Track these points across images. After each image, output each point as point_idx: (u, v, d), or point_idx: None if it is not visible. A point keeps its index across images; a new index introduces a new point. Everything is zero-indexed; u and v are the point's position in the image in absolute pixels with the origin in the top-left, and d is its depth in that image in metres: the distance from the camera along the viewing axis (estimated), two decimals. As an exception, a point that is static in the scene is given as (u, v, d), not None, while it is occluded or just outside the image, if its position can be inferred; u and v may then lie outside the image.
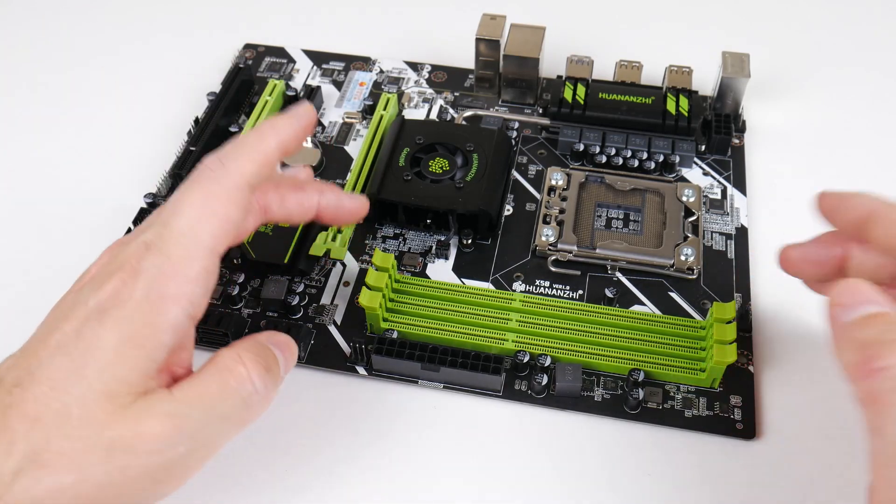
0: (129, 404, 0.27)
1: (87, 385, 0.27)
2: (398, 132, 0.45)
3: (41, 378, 0.27)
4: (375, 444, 0.36)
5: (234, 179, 0.30)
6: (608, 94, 0.47)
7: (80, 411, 0.26)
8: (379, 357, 0.36)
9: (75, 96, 0.52)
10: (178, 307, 0.28)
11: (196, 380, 0.29)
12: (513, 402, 0.37)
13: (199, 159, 0.44)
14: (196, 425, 0.28)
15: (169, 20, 0.57)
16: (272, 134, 0.31)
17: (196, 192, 0.29)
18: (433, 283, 0.40)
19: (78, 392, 0.27)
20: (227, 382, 0.29)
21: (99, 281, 0.29)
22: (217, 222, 0.29)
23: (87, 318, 0.28)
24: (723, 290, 0.40)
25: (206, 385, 0.29)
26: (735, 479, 0.34)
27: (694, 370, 0.36)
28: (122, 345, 0.27)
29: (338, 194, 0.35)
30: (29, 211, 0.45)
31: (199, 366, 0.29)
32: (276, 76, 0.52)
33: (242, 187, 0.30)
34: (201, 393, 0.28)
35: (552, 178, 0.44)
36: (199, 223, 0.29)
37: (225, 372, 0.29)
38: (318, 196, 0.34)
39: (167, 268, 0.28)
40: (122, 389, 0.27)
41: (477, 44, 0.48)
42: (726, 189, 0.45)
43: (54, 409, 0.26)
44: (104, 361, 0.27)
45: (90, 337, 0.27)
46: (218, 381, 0.29)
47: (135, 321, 0.27)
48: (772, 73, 0.52)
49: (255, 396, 0.29)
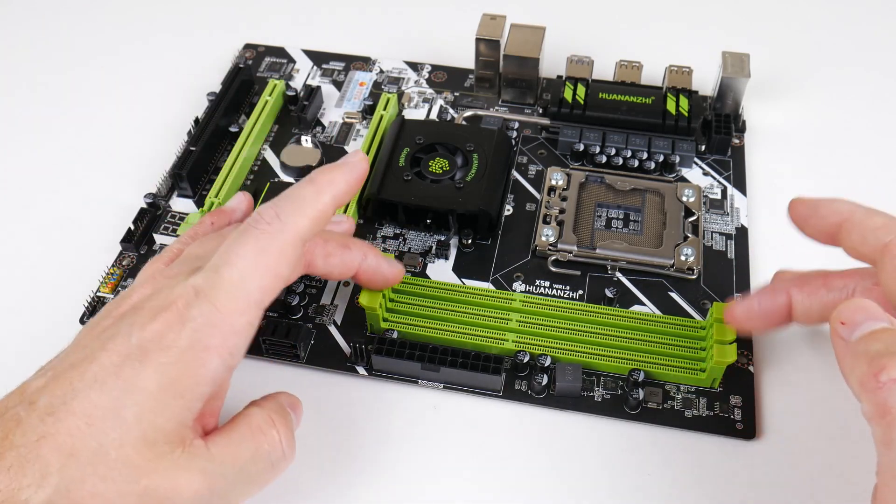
0: (166, 454, 0.27)
1: (125, 428, 0.27)
2: (398, 132, 0.45)
3: (77, 411, 0.26)
4: (375, 444, 0.36)
5: (289, 236, 0.30)
6: (608, 94, 0.47)
7: (117, 454, 0.26)
8: (379, 357, 0.36)
9: (75, 96, 0.52)
10: (220, 359, 0.28)
11: (231, 437, 0.29)
12: (513, 402, 0.37)
13: (199, 159, 0.45)
14: (227, 485, 0.29)
15: (169, 20, 0.57)
16: (329, 189, 0.31)
17: (250, 244, 0.29)
18: (433, 283, 0.40)
19: (116, 434, 0.27)
20: (260, 446, 0.30)
21: (143, 318, 0.28)
22: (268, 278, 0.29)
23: (128, 356, 0.27)
24: (723, 290, 0.40)
25: (241, 446, 0.29)
26: (735, 479, 0.34)
27: (694, 370, 0.36)
28: (162, 392, 0.27)
29: (378, 260, 0.36)
30: (29, 211, 0.45)
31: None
32: (276, 76, 0.52)
33: (296, 244, 0.30)
34: (236, 454, 0.29)
35: (552, 178, 0.44)
36: (251, 277, 0.29)
37: (259, 435, 0.30)
38: (362, 259, 0.35)
39: (215, 318, 0.28)
40: (160, 437, 0.27)
41: (477, 44, 0.48)
42: (726, 189, 0.45)
43: (91, 447, 0.26)
44: (144, 406, 0.27)
45: (130, 377, 0.27)
46: (252, 443, 0.29)
47: (177, 369, 0.27)
48: (772, 73, 0.52)
49: (283, 462, 0.30)
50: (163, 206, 0.44)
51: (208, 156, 0.46)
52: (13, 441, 0.26)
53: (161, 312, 0.28)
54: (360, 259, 0.35)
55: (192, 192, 0.45)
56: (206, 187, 0.45)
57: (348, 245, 0.35)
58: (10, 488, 0.25)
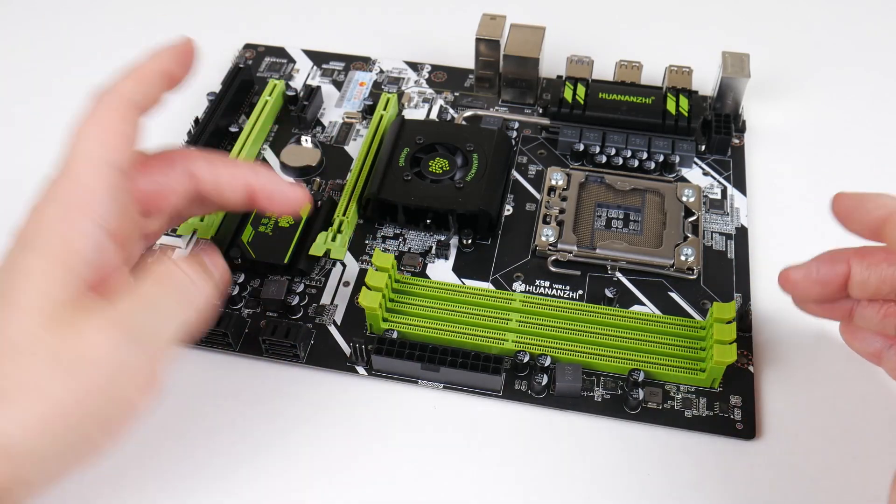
0: (70, 319, 0.27)
1: (22, 312, 0.27)
2: (398, 132, 0.45)
3: None
4: (375, 445, 0.36)
5: (116, 96, 0.31)
6: (608, 94, 0.47)
7: (24, 338, 0.27)
8: (379, 357, 0.36)
9: (76, 97, 0.52)
10: (87, 219, 0.29)
11: (133, 286, 0.29)
12: (513, 402, 0.37)
13: (199, 159, 0.45)
14: (140, 325, 0.28)
15: (169, 20, 0.57)
16: (150, 58, 0.33)
17: (87, 118, 0.31)
18: (433, 283, 0.40)
19: (16, 321, 0.27)
20: (163, 281, 0.29)
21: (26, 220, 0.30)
22: (111, 136, 0.30)
23: (11, 252, 0.29)
24: (723, 290, 0.40)
25: (144, 288, 0.29)
26: (735, 479, 0.34)
27: (694, 370, 0.36)
28: (44, 266, 0.28)
29: (273, 176, 0.34)
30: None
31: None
32: (276, 76, 0.52)
33: (126, 100, 0.31)
34: (139, 295, 0.29)
35: (552, 178, 0.44)
36: (93, 141, 0.30)
37: (161, 273, 0.30)
38: (252, 173, 0.34)
39: (69, 185, 0.29)
40: (59, 308, 0.27)
41: (477, 44, 0.48)
42: (726, 189, 0.45)
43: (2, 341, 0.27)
44: (32, 286, 0.27)
45: (17, 265, 0.28)
46: (155, 281, 0.29)
47: (51, 242, 0.28)
48: (772, 73, 0.52)
49: (192, 288, 0.30)
50: (163, 206, 0.44)
51: (208, 156, 0.46)
52: None
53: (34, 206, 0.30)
54: (250, 174, 0.34)
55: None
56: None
57: (236, 163, 0.35)
58: None
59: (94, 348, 0.27)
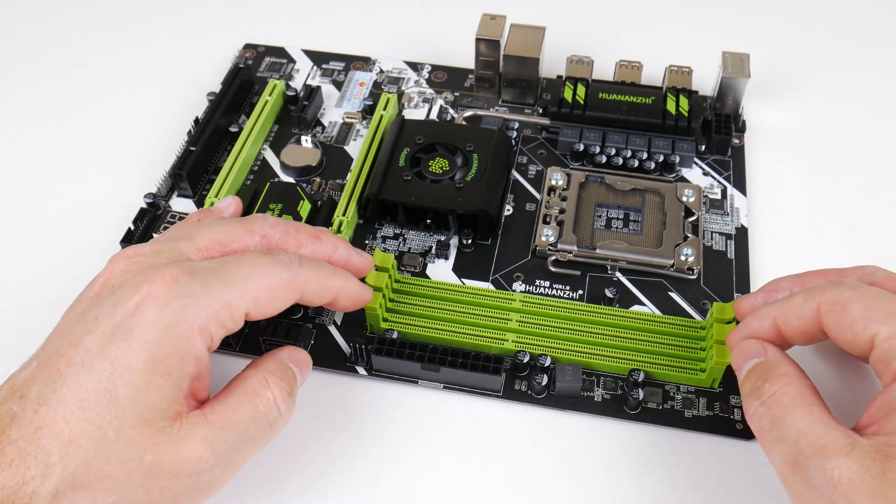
0: (165, 428, 0.28)
1: (120, 409, 0.27)
2: (398, 132, 0.45)
3: (69, 397, 0.27)
4: (375, 444, 0.36)
5: (300, 280, 0.32)
6: (608, 94, 0.47)
7: (116, 435, 0.27)
8: (379, 357, 0.36)
9: (75, 96, 0.52)
10: (202, 341, 0.29)
11: (227, 403, 0.30)
12: (513, 402, 0.37)
13: (199, 159, 0.45)
14: (229, 448, 0.29)
15: (169, 20, 0.57)
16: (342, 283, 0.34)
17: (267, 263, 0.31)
18: (433, 283, 0.40)
19: (111, 416, 0.27)
20: (256, 408, 0.30)
21: (126, 295, 0.29)
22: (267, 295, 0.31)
23: (112, 336, 0.28)
24: (723, 290, 0.40)
25: (238, 410, 0.30)
26: (735, 479, 0.34)
27: (694, 370, 0.36)
28: (150, 370, 0.28)
29: (349, 251, 0.36)
30: (29, 211, 0.45)
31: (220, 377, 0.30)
32: (276, 76, 0.52)
33: (299, 288, 0.32)
34: (233, 418, 0.29)
35: (552, 178, 0.44)
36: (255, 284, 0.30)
37: (254, 396, 0.30)
38: (332, 250, 0.35)
39: (204, 301, 0.29)
40: (156, 414, 0.28)
41: (477, 44, 0.48)
42: (726, 189, 0.45)
43: (89, 431, 0.27)
44: (135, 386, 0.27)
45: (117, 357, 0.27)
46: (248, 405, 0.30)
47: (162, 348, 0.28)
48: (772, 73, 0.52)
49: (280, 421, 0.31)
50: (163, 206, 0.44)
51: (208, 156, 0.46)
52: (10, 436, 0.26)
53: (143, 284, 0.29)
54: (330, 251, 0.35)
55: (192, 192, 0.45)
56: (206, 187, 0.45)
57: (319, 236, 0.35)
58: (14, 483, 0.26)
59: (185, 463, 0.28)
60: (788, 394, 0.29)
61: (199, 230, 0.33)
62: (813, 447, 0.27)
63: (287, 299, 0.32)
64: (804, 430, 0.28)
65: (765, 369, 0.31)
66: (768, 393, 0.30)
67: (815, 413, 0.28)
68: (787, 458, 0.28)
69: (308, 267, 0.33)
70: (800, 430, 0.28)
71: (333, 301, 0.34)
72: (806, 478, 0.27)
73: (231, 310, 0.30)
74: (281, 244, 0.34)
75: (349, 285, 0.35)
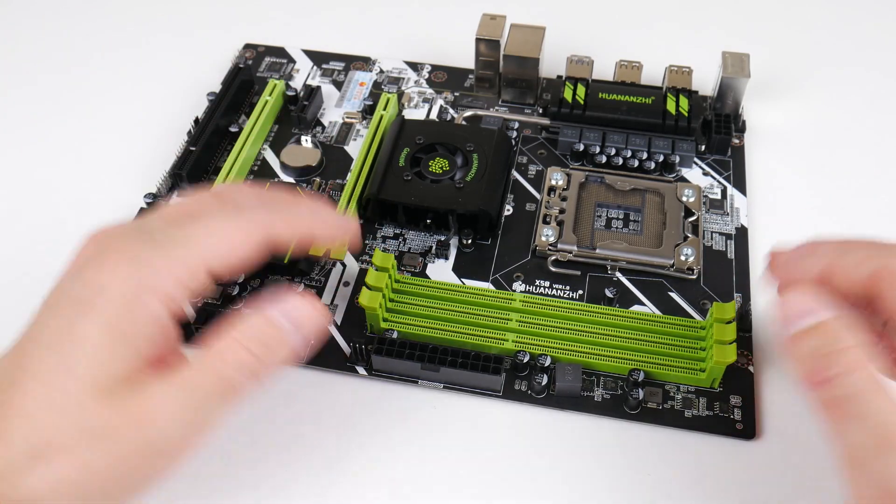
0: (124, 397, 0.27)
1: (76, 379, 0.27)
2: (398, 132, 0.45)
3: (32, 373, 0.27)
4: (375, 444, 0.36)
5: (260, 218, 0.31)
6: (608, 94, 0.47)
7: (74, 405, 0.27)
8: (379, 357, 0.36)
9: (75, 96, 0.52)
10: (160, 303, 0.28)
11: (192, 367, 0.29)
12: (513, 402, 0.37)
13: (199, 159, 0.45)
14: (189, 410, 0.28)
15: (169, 20, 0.57)
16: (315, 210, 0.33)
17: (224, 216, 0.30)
18: (433, 283, 0.40)
19: (72, 389, 0.27)
20: (220, 371, 0.29)
21: (87, 270, 0.29)
22: (221, 247, 0.30)
23: (74, 311, 0.28)
24: (723, 290, 0.40)
25: (201, 373, 0.29)
26: (735, 479, 0.34)
27: (694, 370, 0.36)
28: (105, 337, 0.27)
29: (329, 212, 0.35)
30: (29, 211, 0.45)
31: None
32: (276, 76, 0.52)
33: (262, 232, 0.31)
34: (195, 382, 0.29)
35: (552, 178, 0.44)
36: (207, 239, 0.30)
37: (218, 359, 0.29)
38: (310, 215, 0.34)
39: (160, 264, 0.29)
40: (113, 381, 0.27)
41: (477, 44, 0.48)
42: (726, 189, 0.45)
43: (47, 404, 0.27)
44: (92, 357, 0.27)
45: (76, 330, 0.28)
46: (211, 369, 0.29)
47: (119, 316, 0.28)
48: (772, 73, 0.52)
49: (245, 385, 0.30)
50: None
51: (208, 156, 0.46)
52: None
53: (106, 262, 0.29)
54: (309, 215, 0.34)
55: (192, 192, 0.45)
56: (206, 187, 0.45)
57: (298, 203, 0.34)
58: None
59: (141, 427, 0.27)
60: (870, 372, 0.27)
61: (169, 205, 0.33)
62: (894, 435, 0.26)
63: (250, 244, 0.31)
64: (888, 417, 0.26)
65: (840, 331, 0.28)
66: (847, 363, 0.27)
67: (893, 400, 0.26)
68: (866, 438, 0.26)
69: (268, 206, 0.32)
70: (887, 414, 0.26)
71: (311, 233, 0.33)
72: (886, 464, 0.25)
73: (189, 268, 0.29)
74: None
75: (324, 215, 0.34)
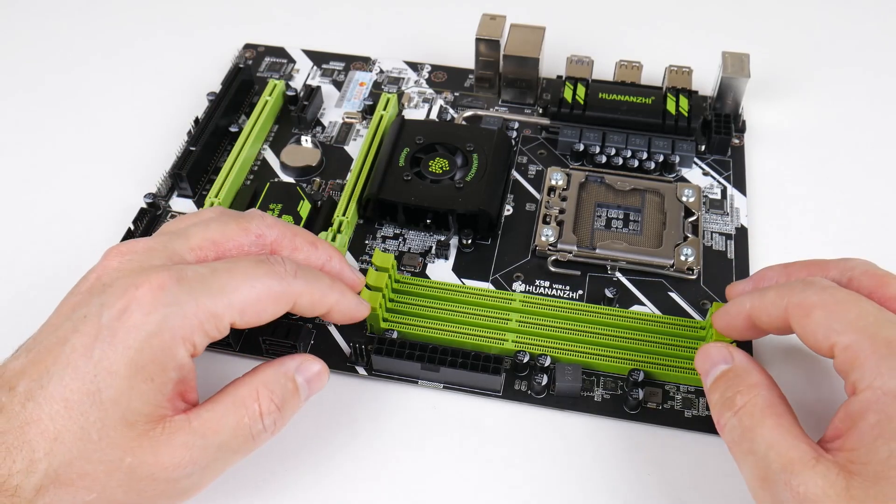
0: (147, 432, 0.28)
1: (103, 410, 0.27)
2: (398, 132, 0.45)
3: (55, 395, 0.27)
4: (375, 444, 0.36)
5: (296, 289, 0.31)
6: (608, 94, 0.47)
7: (98, 436, 0.27)
8: (379, 357, 0.36)
9: (75, 96, 0.52)
10: (185, 350, 0.29)
11: (213, 411, 0.30)
12: (513, 402, 0.37)
13: (199, 159, 0.45)
14: (208, 456, 0.29)
15: (169, 20, 0.57)
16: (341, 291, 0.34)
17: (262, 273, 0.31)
18: (433, 283, 0.40)
19: (95, 417, 0.27)
20: (241, 419, 0.30)
21: (113, 296, 0.29)
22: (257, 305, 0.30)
23: (97, 337, 0.28)
24: (723, 290, 0.40)
25: (222, 419, 0.29)
26: (735, 479, 0.34)
27: (694, 370, 0.36)
28: (132, 375, 0.28)
29: (342, 265, 0.36)
30: (29, 210, 0.45)
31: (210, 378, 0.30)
32: (276, 76, 0.52)
33: (293, 297, 0.31)
34: (216, 427, 0.29)
35: (552, 178, 0.44)
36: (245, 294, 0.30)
37: (240, 407, 0.30)
38: (326, 260, 0.35)
39: (190, 312, 0.29)
40: (139, 418, 0.28)
41: (477, 44, 0.48)
42: (726, 189, 0.45)
43: (73, 431, 0.27)
44: (117, 390, 0.27)
45: (101, 359, 0.28)
46: (233, 415, 0.30)
47: (144, 354, 0.28)
48: (772, 73, 0.52)
49: (263, 434, 0.31)
50: (163, 206, 0.44)
51: (208, 156, 0.46)
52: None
53: (130, 288, 0.29)
54: (325, 259, 0.35)
55: (192, 192, 0.45)
56: (206, 187, 0.45)
57: (315, 244, 0.35)
58: (1, 474, 0.26)
59: (164, 468, 0.28)
60: (758, 405, 0.29)
61: (195, 227, 0.33)
62: (781, 461, 0.27)
63: (277, 311, 0.32)
64: (773, 443, 0.28)
65: (734, 378, 0.30)
66: (739, 404, 0.29)
67: (784, 425, 0.28)
68: (757, 471, 0.28)
69: (302, 279, 0.32)
70: (769, 443, 0.28)
71: (326, 315, 0.34)
72: (774, 493, 0.27)
73: (216, 320, 0.29)
74: (276, 245, 0.34)
75: (344, 300, 0.34)
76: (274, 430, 0.31)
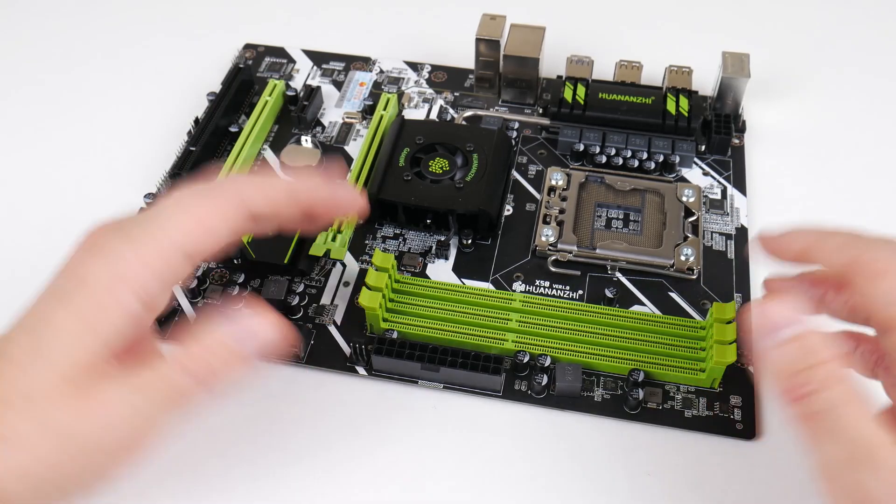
0: (85, 388, 0.27)
1: (45, 366, 0.27)
2: (398, 132, 0.45)
3: (10, 357, 0.27)
4: (375, 445, 0.36)
5: (232, 196, 0.30)
6: (608, 94, 0.47)
7: (40, 393, 0.27)
8: (379, 357, 0.36)
9: (76, 96, 0.52)
10: (130, 293, 0.28)
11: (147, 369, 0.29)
12: (513, 402, 0.37)
13: (200, 159, 0.45)
14: (139, 413, 0.28)
15: (169, 20, 0.57)
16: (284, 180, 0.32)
17: (187, 194, 0.30)
18: (433, 283, 0.40)
19: (37, 373, 0.27)
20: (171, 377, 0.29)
21: (70, 261, 0.29)
22: (197, 230, 0.29)
23: (52, 300, 0.28)
24: (723, 290, 0.40)
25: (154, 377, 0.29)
26: (735, 479, 0.34)
27: (694, 370, 0.36)
28: (76, 326, 0.27)
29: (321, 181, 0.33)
30: (29, 211, 0.45)
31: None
32: (276, 76, 0.52)
33: (238, 205, 0.30)
34: (148, 384, 0.28)
35: (552, 178, 0.44)
36: (176, 227, 0.29)
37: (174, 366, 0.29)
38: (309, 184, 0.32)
39: (130, 255, 0.28)
40: (78, 372, 0.27)
41: (477, 44, 0.48)
42: (726, 189, 0.45)
43: (20, 390, 0.27)
44: (61, 343, 0.27)
45: (51, 316, 0.28)
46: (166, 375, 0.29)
47: (91, 307, 0.28)
48: (772, 73, 0.52)
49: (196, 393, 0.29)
50: (163, 206, 0.44)
51: (208, 156, 0.46)
52: None
53: (85, 253, 0.29)
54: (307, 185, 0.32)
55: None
56: (206, 187, 0.45)
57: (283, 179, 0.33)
58: None
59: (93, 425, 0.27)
60: (847, 386, 0.26)
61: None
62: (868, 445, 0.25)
63: (226, 221, 0.30)
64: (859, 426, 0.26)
65: (815, 346, 0.27)
66: (823, 378, 0.26)
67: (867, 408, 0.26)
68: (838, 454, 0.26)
69: (242, 179, 0.30)
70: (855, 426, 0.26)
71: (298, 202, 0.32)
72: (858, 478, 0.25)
73: (162, 256, 0.29)
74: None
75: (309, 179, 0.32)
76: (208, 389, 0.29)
